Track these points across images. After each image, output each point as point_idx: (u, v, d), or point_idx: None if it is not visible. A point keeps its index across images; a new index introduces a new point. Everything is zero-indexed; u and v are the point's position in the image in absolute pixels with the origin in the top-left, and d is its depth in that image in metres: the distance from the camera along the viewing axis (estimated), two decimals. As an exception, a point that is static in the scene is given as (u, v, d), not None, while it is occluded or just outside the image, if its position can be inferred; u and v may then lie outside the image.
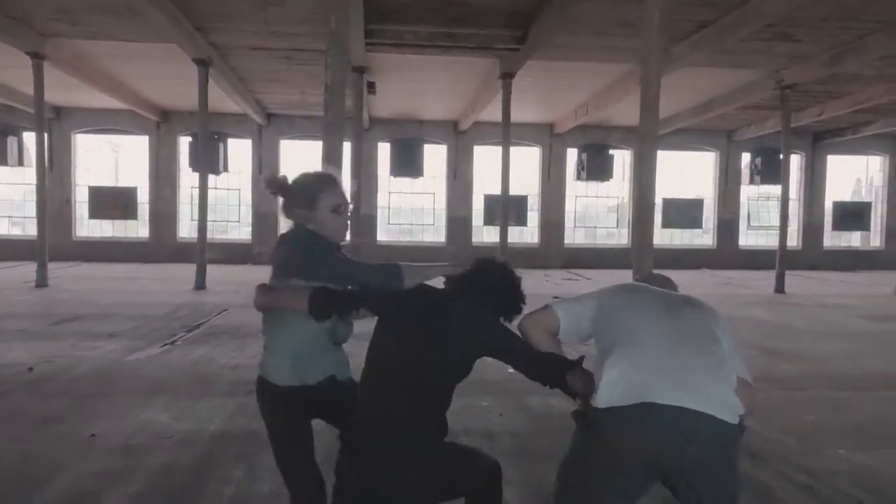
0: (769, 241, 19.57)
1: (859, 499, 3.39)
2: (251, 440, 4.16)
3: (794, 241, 21.12)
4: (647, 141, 6.20)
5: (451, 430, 2.34)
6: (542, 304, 2.46)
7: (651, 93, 6.12)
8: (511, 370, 2.33)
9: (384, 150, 19.80)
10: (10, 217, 19.38)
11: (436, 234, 20.60)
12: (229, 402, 5.02)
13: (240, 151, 19.62)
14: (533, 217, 20.68)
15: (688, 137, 20.05)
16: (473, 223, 20.33)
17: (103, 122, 18.76)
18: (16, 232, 19.51)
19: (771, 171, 19.39)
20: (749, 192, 21.30)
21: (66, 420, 4.45)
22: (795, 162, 21.07)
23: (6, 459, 3.73)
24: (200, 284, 12.41)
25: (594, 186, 20.72)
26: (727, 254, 20.71)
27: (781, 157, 14.64)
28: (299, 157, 19.67)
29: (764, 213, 21.07)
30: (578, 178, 20.16)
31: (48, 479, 3.44)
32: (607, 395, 1.97)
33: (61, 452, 3.83)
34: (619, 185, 20.81)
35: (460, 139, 19.89)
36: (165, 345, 7.13)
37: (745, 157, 20.81)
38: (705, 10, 9.88)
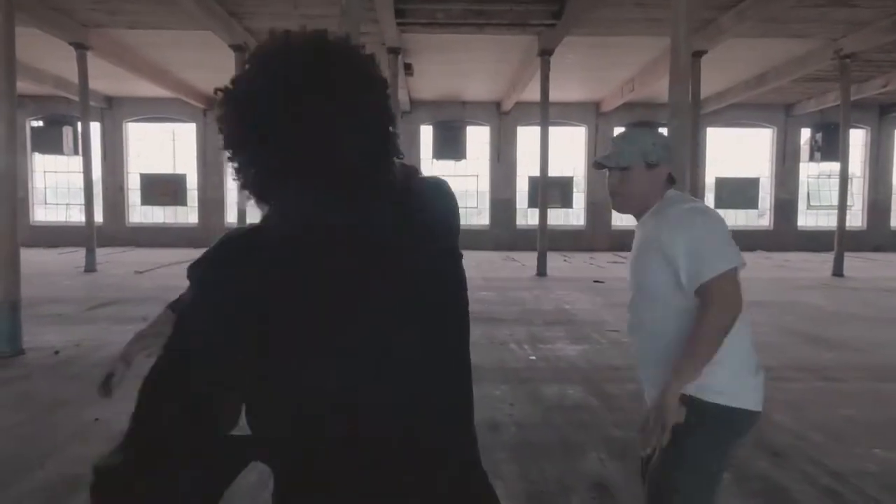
0: (830, 221, 18.54)
1: (882, 502, 3.07)
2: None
3: (857, 221, 20.04)
4: (678, 115, 5.84)
5: None
6: (588, 286, 2.29)
7: (681, 63, 5.78)
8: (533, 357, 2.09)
9: (427, 133, 19.66)
10: (68, 205, 20.07)
11: (479, 217, 20.37)
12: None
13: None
14: (579, 199, 20.22)
15: (742, 113, 19.19)
16: (518, 206, 20.03)
17: (153, 110, 19.23)
18: (81, 219, 20.20)
19: (832, 147, 18.32)
20: (809, 170, 20.26)
21: (74, 403, 4.49)
22: (860, 137, 19.92)
23: (2, 442, 3.77)
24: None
25: (643, 166, 20.07)
26: (785, 235, 19.79)
27: (841, 132, 13.76)
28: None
29: (825, 192, 20.00)
30: (625, 158, 19.55)
31: (40, 463, 3.45)
32: (754, 399, 1.80)
33: (60, 436, 3.86)
34: (669, 165, 20.10)
35: (503, 120, 19.57)
36: (192, 329, 7.19)
37: (805, 133, 19.80)
38: (752, -25, 9.32)
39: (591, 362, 5.89)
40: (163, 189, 19.72)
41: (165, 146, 20.55)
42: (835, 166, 18.21)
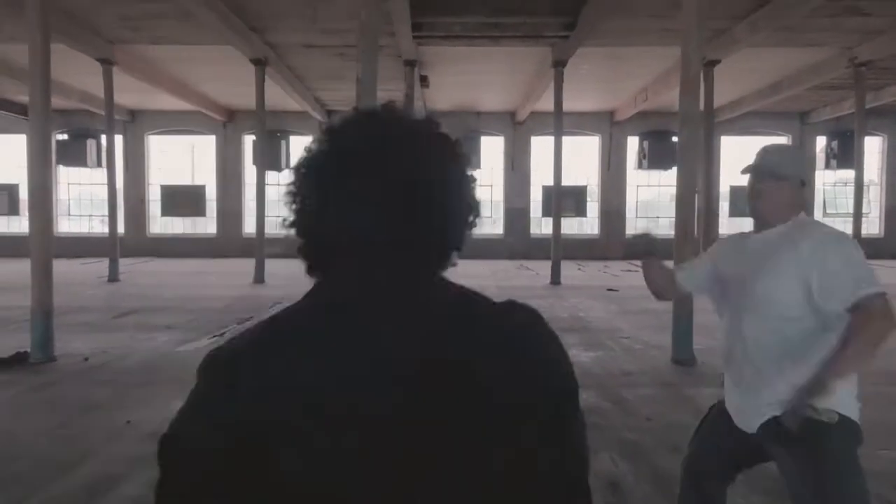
0: (846, 228, 18.43)
1: (891, 501, 3.16)
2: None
3: (875, 228, 19.94)
4: (688, 125, 5.96)
5: None
6: (602, 294, 2.54)
7: (691, 74, 5.88)
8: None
9: (442, 144, 19.83)
10: (90, 216, 20.49)
11: (494, 226, 20.51)
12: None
13: (303, 148, 20.07)
14: (593, 207, 20.29)
15: (757, 121, 19.18)
16: (532, 214, 20.14)
17: (174, 123, 19.61)
18: (104, 230, 20.64)
19: (848, 154, 18.16)
20: (825, 178, 20.20)
21: (105, 407, 4.68)
22: (876, 144, 19.84)
23: (39, 444, 3.95)
24: (259, 278, 12.81)
25: (657, 175, 20.13)
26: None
27: (856, 139, 13.76)
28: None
29: (841, 200, 19.90)
30: (640, 166, 19.65)
31: (76, 463, 3.62)
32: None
33: (94, 438, 4.04)
34: (683, 174, 20.15)
35: (517, 130, 19.73)
36: (214, 336, 7.39)
37: (821, 141, 19.75)
38: (763, -14, 9.42)
39: (605, 368, 5.99)
40: (183, 200, 20.07)
41: (185, 158, 20.95)
42: (851, 174, 18.13)
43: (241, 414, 0.74)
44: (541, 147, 19.62)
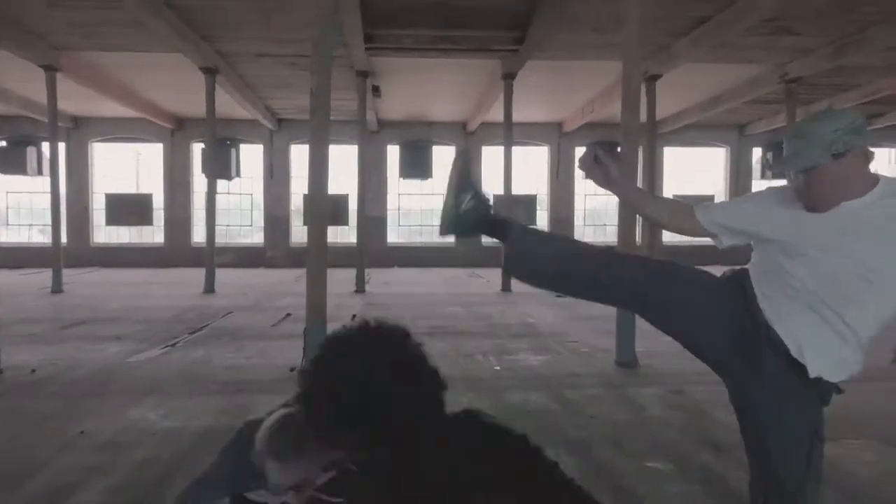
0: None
1: (812, 488, 3.45)
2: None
3: (808, 235, 20.93)
4: (629, 138, 6.26)
5: None
6: (551, 301, 2.63)
7: (632, 90, 6.19)
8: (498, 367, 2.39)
9: (394, 153, 19.98)
10: (30, 225, 19.87)
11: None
12: (219, 400, 5.19)
13: (252, 157, 19.93)
14: (542, 216, 20.71)
15: (697, 133, 19.95)
16: (483, 223, 20.39)
17: (119, 130, 19.21)
18: (43, 240, 20.02)
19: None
20: (761, 187, 21.07)
21: (57, 419, 4.65)
22: (809, 156, 20.86)
23: (-6, 456, 3.93)
24: (210, 288, 12.67)
25: (604, 184, 20.67)
26: (741, 248, 20.49)
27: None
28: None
29: (777, 209, 20.87)
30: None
31: (31, 474, 3.61)
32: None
33: (47, 449, 4.02)
34: (629, 183, 20.79)
35: (469, 140, 20.01)
36: (166, 347, 7.34)
37: (757, 152, 20.66)
38: (702, 5, 9.89)
39: (553, 371, 6.22)
40: (128, 209, 19.62)
41: (130, 166, 20.52)
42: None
43: None
44: (491, 157, 19.93)
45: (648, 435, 4.40)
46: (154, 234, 20.03)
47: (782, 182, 2.13)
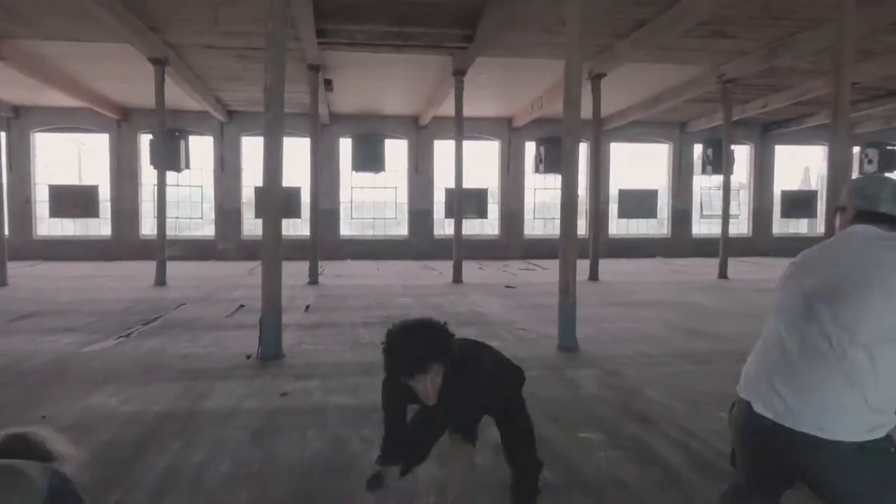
0: (720, 229, 20.33)
1: (723, 451, 3.86)
2: (192, 418, 4.54)
3: (744, 228, 21.94)
4: (570, 137, 6.63)
5: (378, 405, 3.82)
6: (500, 291, 2.98)
7: (573, 90, 6.55)
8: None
9: (346, 146, 20.07)
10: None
11: (398, 227, 20.97)
12: (177, 386, 5.36)
13: (202, 149, 19.74)
14: (494, 209, 21.13)
15: (642, 130, 20.65)
16: (435, 216, 20.73)
17: (63, 120, 18.76)
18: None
19: (721, 161, 20.04)
20: (702, 182, 22.02)
21: (16, 406, 4.75)
22: (745, 152, 21.84)
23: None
24: (161, 281, 12.62)
25: (552, 178, 21.21)
26: (681, 242, 21.41)
27: (724, 148, 15.26)
28: (261, 154, 19.83)
29: (716, 203, 21.75)
30: (537, 170, 20.64)
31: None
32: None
33: (10, 432, 4.14)
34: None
35: (421, 134, 20.26)
36: (120, 337, 7.41)
37: (698, 149, 21.51)
38: (641, 8, 10.36)
39: (500, 356, 6.56)
40: (73, 201, 19.20)
41: (76, 157, 20.07)
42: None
43: None
44: (443, 151, 20.23)
45: (583, 410, 4.78)
46: (100, 227, 19.66)
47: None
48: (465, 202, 16.16)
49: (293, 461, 3.79)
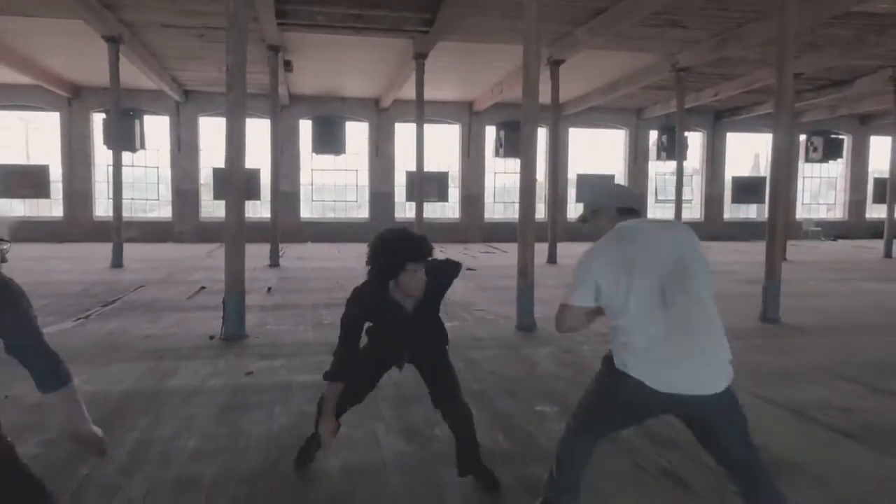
0: (674, 214, 20.89)
1: (668, 422, 4.14)
2: (158, 396, 4.61)
3: (697, 213, 22.61)
4: (529, 122, 6.82)
5: None
6: (461, 274, 3.29)
7: (531, 78, 6.73)
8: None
9: (306, 128, 19.94)
10: (-90, 197, 18.56)
11: (359, 210, 20.99)
12: (141, 366, 5.40)
13: (158, 129, 19.37)
14: (454, 193, 21.31)
15: (600, 116, 21.05)
16: (396, 199, 20.81)
17: (11, 97, 18.19)
18: (-82, 213, 18.78)
19: (675, 147, 20.57)
20: (657, 168, 22.58)
21: (-22, 386, 4.74)
22: (698, 139, 22.46)
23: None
24: (118, 262, 12.46)
25: (513, 162, 21.47)
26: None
27: (678, 134, 15.70)
28: (220, 134, 19.59)
29: (670, 188, 22.33)
30: (497, 154, 20.88)
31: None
32: (629, 360, 2.27)
33: (-26, 412, 4.16)
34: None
35: (382, 116, 20.25)
36: (79, 319, 7.37)
37: (653, 135, 22.03)
38: (597, -3, 10.60)
39: (459, 335, 6.76)
40: (22, 181, 18.67)
41: (23, 136, 19.46)
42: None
43: None
44: (404, 134, 20.29)
45: (539, 386, 5.01)
46: (51, 208, 19.16)
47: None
48: (427, 185, 16.30)
49: (260, 435, 3.92)
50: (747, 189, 23.06)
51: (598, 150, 22.61)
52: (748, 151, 24.97)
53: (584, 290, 2.34)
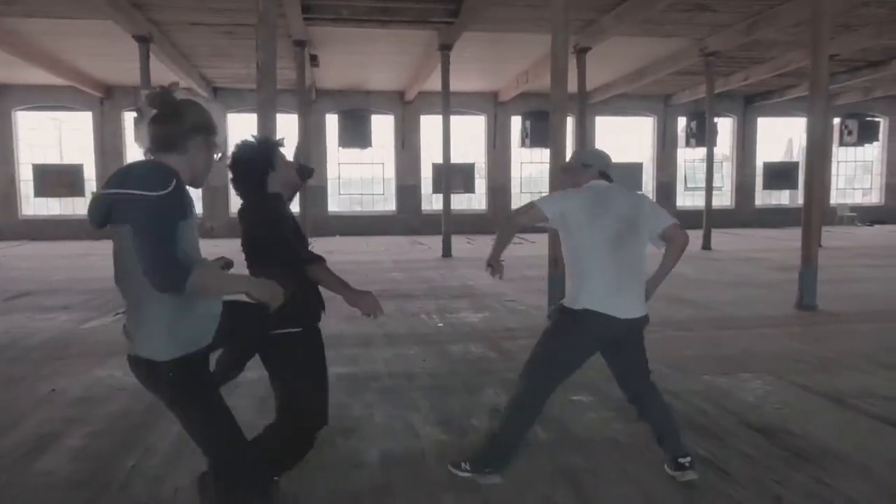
0: (704, 201, 20.60)
1: (704, 409, 4.12)
2: (197, 389, 4.71)
3: (727, 200, 22.25)
4: (558, 111, 6.78)
5: (377, 373, 3.69)
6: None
7: (559, 67, 6.68)
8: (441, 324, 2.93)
9: (332, 122, 20.04)
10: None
11: (386, 203, 21.06)
12: (178, 360, 5.51)
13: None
14: (481, 184, 21.27)
15: (626, 103, 20.80)
16: (422, 191, 20.84)
17: (45, 98, 18.57)
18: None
19: (705, 134, 20.24)
20: (686, 155, 22.26)
21: (26, 380, 4.89)
22: (728, 125, 22.07)
23: (-27, 413, 4.19)
24: (151, 258, 12.66)
25: (539, 152, 21.35)
26: (665, 214, 21.66)
27: (707, 120, 15.46)
28: (248, 131, 19.75)
29: (700, 175, 21.98)
30: (523, 144, 20.79)
31: (12, 427, 3.91)
32: (589, 301, 2.94)
33: (22, 406, 4.30)
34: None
35: (407, 109, 20.27)
36: (118, 314, 7.52)
37: (682, 122, 21.71)
38: (626, -18, 10.46)
39: (491, 326, 6.79)
40: (58, 180, 19.09)
41: (58, 136, 19.89)
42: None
43: None
44: (430, 126, 20.27)
45: (574, 375, 4.99)
46: (86, 206, 19.48)
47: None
48: (453, 177, 16.28)
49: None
50: (779, 175, 22.62)
51: (624, 138, 22.34)
52: (780, 136, 24.49)
53: (552, 206, 3.01)
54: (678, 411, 4.11)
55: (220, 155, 2.21)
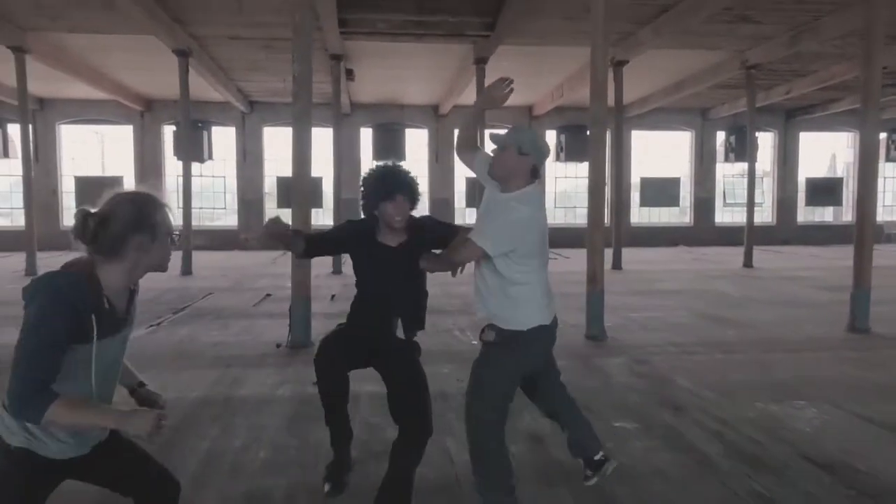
0: (743, 217, 20.07)
1: (757, 440, 3.87)
2: (228, 405, 4.63)
3: (768, 217, 21.70)
4: (597, 125, 6.61)
5: None
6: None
7: (599, 80, 6.52)
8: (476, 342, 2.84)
9: (367, 135, 20.11)
10: (-3, 208, 19.63)
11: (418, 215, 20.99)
12: (210, 373, 5.46)
13: (224, 139, 19.90)
14: (514, 198, 21.06)
15: (663, 117, 20.47)
16: (456, 205, 20.74)
17: (87, 112, 19.00)
18: (3, 223, 19.84)
19: (744, 148, 19.75)
20: (724, 170, 21.80)
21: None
22: (769, 139, 21.56)
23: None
24: (187, 270, 12.80)
25: (573, 167, 21.13)
26: (703, 231, 21.23)
27: (748, 135, 15.08)
28: (282, 144, 19.97)
29: (739, 191, 21.52)
30: (558, 158, 20.57)
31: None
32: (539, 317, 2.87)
33: (55, 418, 4.25)
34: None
35: (441, 123, 20.25)
36: (151, 326, 7.54)
37: (720, 136, 21.28)
38: (666, -6, 10.26)
39: (527, 344, 6.59)
40: (99, 192, 19.03)
41: (100, 148, 20.32)
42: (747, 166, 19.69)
43: None
44: (463, 140, 20.15)
45: (615, 399, 4.79)
46: (125, 217, 19.88)
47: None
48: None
49: (329, 448, 3.85)
50: (822, 191, 21.99)
51: (662, 153, 21.98)
52: (823, 151, 23.87)
53: (500, 244, 2.74)
54: (727, 441, 3.89)
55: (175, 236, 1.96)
